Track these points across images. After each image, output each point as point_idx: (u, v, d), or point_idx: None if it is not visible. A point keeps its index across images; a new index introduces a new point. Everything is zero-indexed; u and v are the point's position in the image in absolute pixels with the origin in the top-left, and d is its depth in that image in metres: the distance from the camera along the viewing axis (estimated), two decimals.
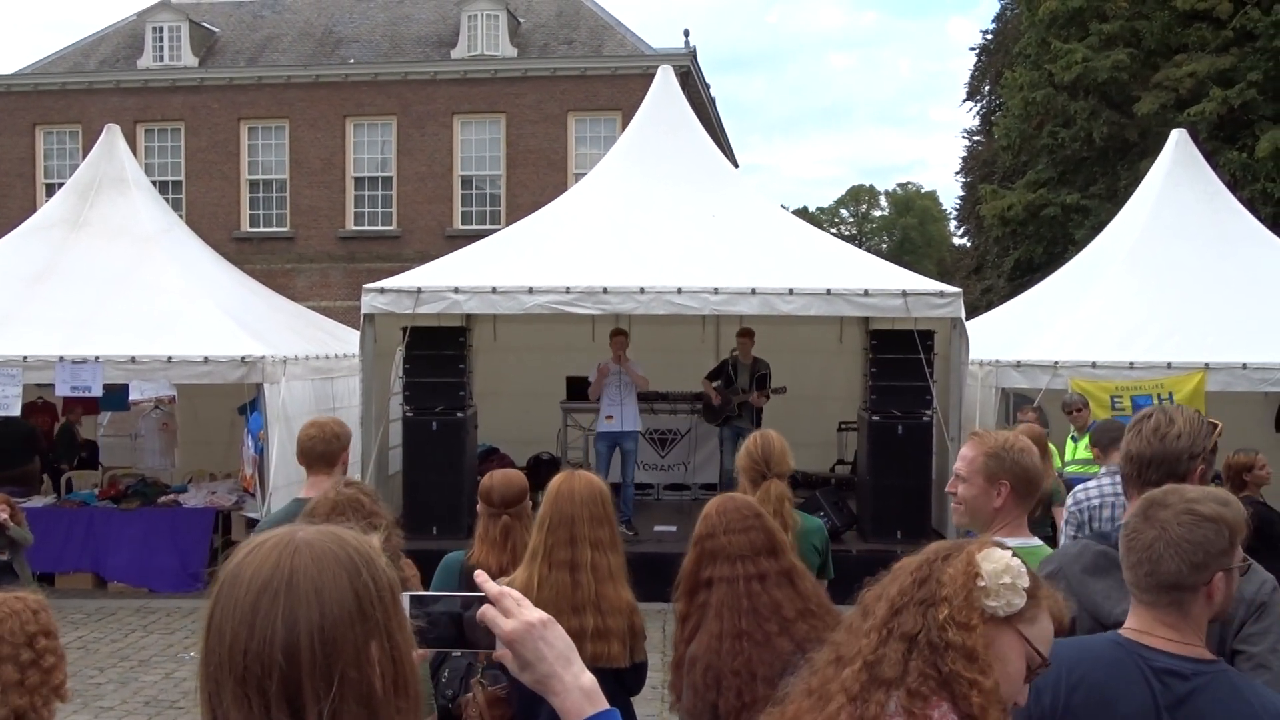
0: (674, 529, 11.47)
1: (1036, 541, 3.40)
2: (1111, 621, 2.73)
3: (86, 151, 14.35)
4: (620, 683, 3.50)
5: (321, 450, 4.54)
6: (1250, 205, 15.85)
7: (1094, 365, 10.65)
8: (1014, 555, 1.81)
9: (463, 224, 26.40)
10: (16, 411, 10.78)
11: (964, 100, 38.12)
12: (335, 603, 1.23)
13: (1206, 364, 10.43)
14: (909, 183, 79.76)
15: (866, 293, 10.39)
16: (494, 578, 3.92)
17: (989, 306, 22.10)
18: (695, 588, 3.22)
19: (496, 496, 4.03)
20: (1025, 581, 1.79)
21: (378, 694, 1.24)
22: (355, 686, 1.22)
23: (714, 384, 12.31)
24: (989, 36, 35.27)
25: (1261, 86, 21.16)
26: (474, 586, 1.60)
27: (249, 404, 10.98)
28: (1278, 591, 2.73)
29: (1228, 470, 7.18)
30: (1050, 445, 8.40)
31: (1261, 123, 21.30)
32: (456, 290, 10.51)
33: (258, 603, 1.22)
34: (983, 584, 1.76)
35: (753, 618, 3.07)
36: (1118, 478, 5.44)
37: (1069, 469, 9.14)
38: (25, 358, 10.66)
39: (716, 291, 10.36)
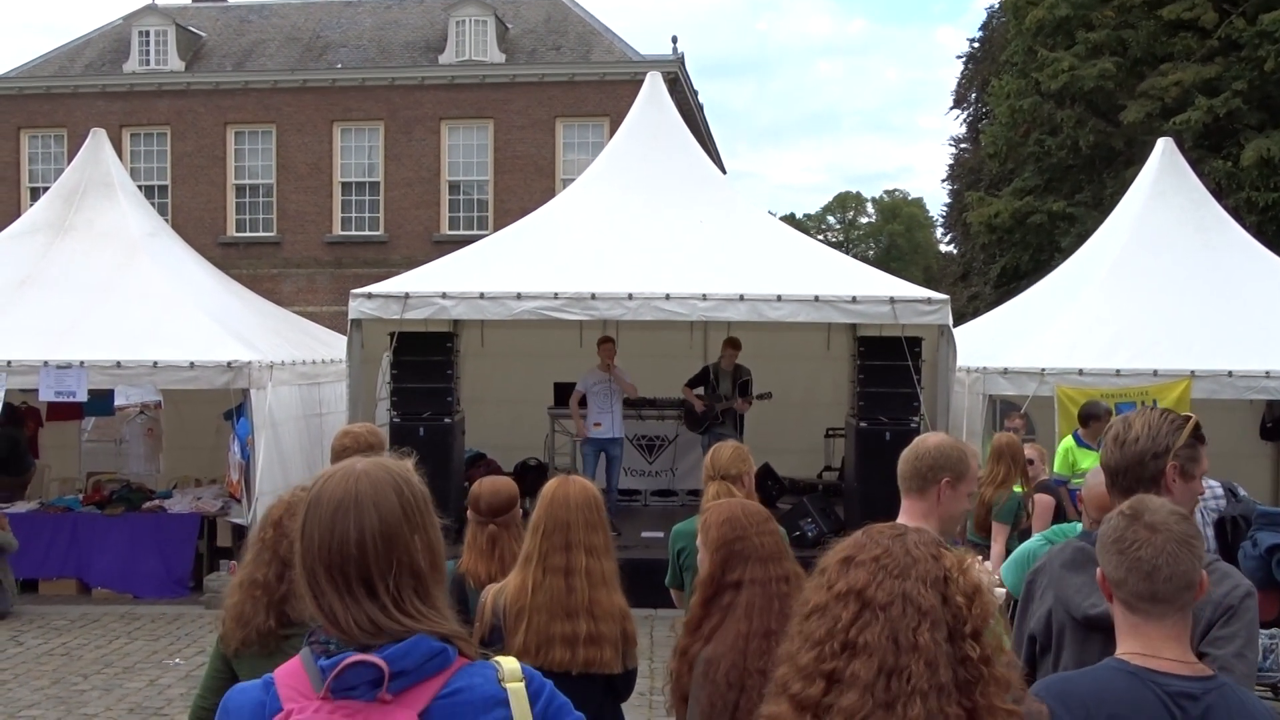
0: (661, 535, 11.43)
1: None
2: (1081, 615, 2.76)
3: (72, 155, 14.28)
4: (611, 688, 3.49)
5: None
6: (1235, 213, 15.91)
7: (1080, 372, 10.67)
8: (978, 562, 1.85)
9: (450, 229, 26.35)
10: None
11: (951, 108, 38.15)
12: (388, 511, 1.74)
13: (1192, 371, 10.47)
14: (896, 190, 79.99)
15: (854, 299, 10.39)
16: (482, 585, 3.89)
17: (976, 313, 22.14)
18: (720, 590, 3.13)
19: (484, 505, 4.00)
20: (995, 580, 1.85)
21: (422, 570, 1.76)
22: (407, 566, 1.74)
23: (695, 391, 12.30)
24: (976, 45, 35.32)
25: (1246, 95, 21.24)
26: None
27: (235, 409, 10.93)
28: (1250, 597, 2.73)
29: None
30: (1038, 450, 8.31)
31: (1246, 131, 21.38)
32: (444, 296, 10.49)
33: (335, 515, 1.73)
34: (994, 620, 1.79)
35: (781, 619, 3.04)
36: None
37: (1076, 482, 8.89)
38: (9, 363, 10.60)
39: (705, 298, 10.36)
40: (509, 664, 1.83)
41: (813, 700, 1.77)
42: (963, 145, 37.49)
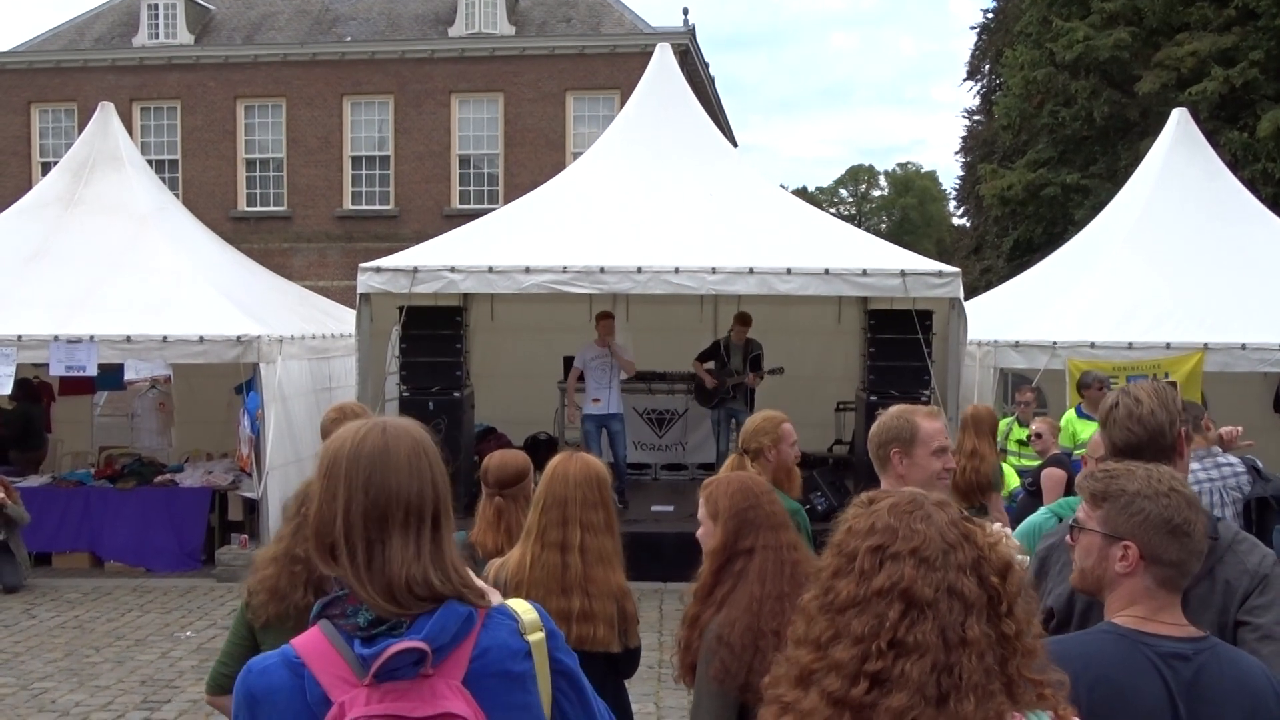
0: (671, 509, 11.46)
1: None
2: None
3: (82, 129, 14.24)
4: (612, 666, 3.49)
5: None
6: (1251, 185, 15.79)
7: (1092, 345, 10.61)
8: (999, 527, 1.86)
9: (461, 203, 26.30)
10: (8, 390, 10.76)
11: (964, 79, 37.92)
12: (423, 462, 1.84)
13: (1205, 344, 10.39)
14: (909, 162, 79.59)
15: (865, 272, 10.33)
16: (489, 556, 3.90)
17: (988, 286, 22.04)
18: (732, 558, 3.16)
19: (491, 478, 4.03)
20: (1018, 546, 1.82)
21: (450, 516, 1.86)
22: (440, 513, 1.83)
23: (706, 365, 12.25)
24: (990, 15, 35.07)
25: (1263, 66, 21.03)
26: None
27: (246, 384, 10.95)
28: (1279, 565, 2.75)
29: None
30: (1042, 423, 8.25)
31: (1263, 102, 21.18)
32: (453, 270, 10.46)
33: (375, 466, 1.80)
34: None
35: (792, 582, 3.05)
36: (1205, 462, 5.37)
37: (1079, 453, 8.90)
38: (20, 337, 10.62)
39: (714, 271, 10.32)
40: (527, 614, 1.87)
41: (855, 700, 1.70)
42: (976, 117, 37.25)
